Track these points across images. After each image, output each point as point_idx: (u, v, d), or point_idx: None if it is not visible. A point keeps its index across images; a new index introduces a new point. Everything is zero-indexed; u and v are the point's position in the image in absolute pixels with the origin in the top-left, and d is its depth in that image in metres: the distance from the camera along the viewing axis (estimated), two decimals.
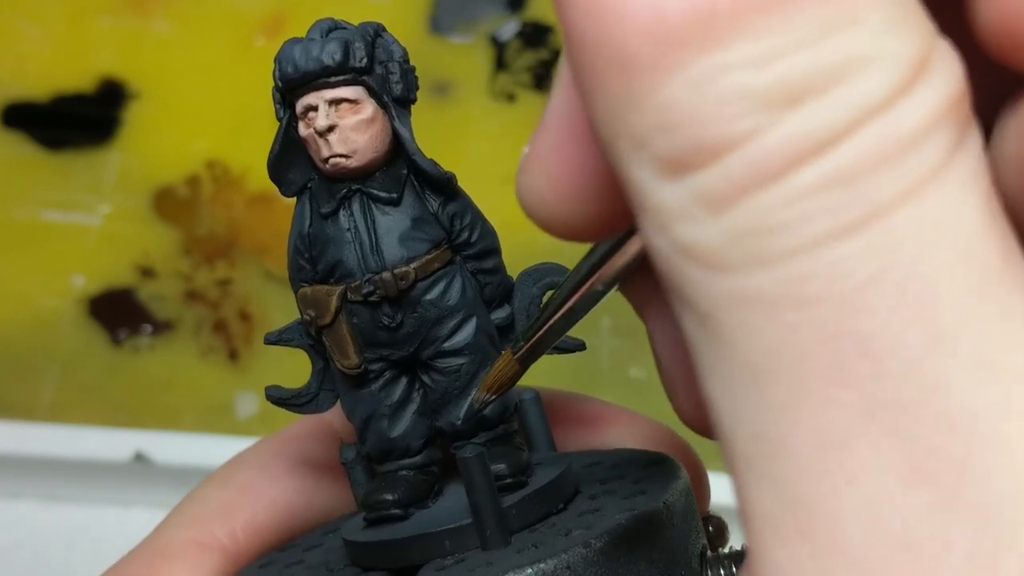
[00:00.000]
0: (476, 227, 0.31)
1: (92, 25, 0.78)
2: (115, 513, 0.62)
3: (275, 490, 0.33)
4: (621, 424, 0.34)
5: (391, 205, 0.30)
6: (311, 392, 0.32)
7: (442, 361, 0.30)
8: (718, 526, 0.32)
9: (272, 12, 0.79)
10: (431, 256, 0.30)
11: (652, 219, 0.19)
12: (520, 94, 0.77)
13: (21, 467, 0.61)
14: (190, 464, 0.59)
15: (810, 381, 0.18)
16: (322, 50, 0.29)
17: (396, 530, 0.29)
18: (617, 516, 0.28)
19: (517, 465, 0.30)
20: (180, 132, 0.74)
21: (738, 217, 0.18)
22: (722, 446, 0.20)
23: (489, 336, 0.31)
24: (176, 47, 0.78)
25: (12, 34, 0.77)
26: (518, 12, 0.81)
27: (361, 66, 0.29)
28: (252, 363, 0.67)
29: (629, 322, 0.70)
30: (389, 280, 0.29)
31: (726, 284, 0.19)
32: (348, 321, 0.30)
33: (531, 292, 0.32)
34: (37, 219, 0.71)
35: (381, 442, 0.31)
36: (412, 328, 0.30)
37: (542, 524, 0.29)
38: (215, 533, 0.32)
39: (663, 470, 0.31)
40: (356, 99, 0.29)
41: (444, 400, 0.31)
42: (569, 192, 0.23)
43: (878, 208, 0.18)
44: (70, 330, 0.67)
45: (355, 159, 0.29)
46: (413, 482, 0.30)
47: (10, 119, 0.74)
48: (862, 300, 0.18)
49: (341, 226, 0.30)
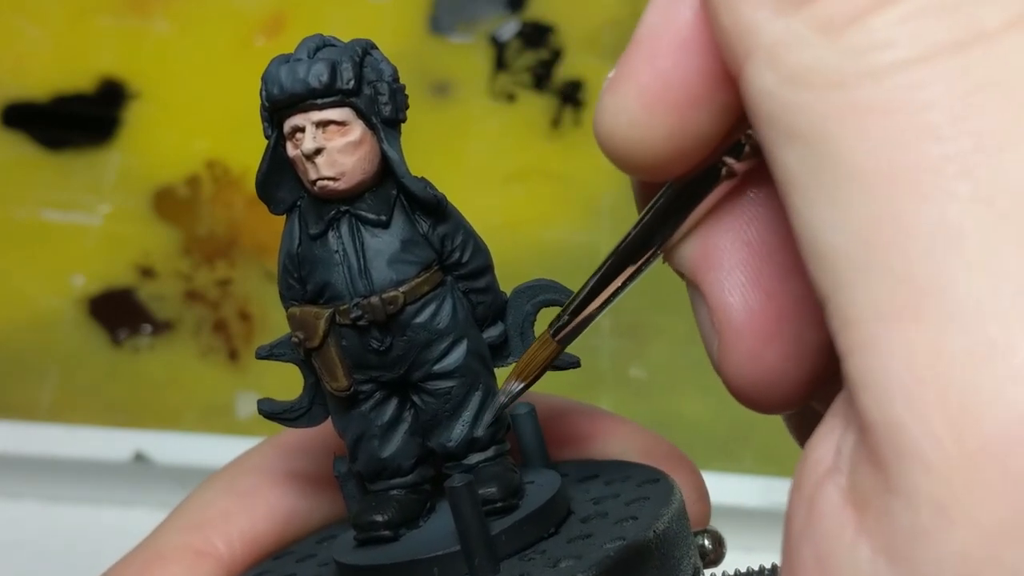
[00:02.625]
0: (468, 247, 0.30)
1: (92, 25, 0.78)
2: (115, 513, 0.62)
3: (275, 498, 0.33)
4: (619, 436, 0.34)
5: (380, 227, 0.29)
6: (303, 407, 0.31)
7: (432, 384, 0.30)
8: (715, 539, 0.32)
9: (272, 12, 0.79)
10: (421, 279, 0.30)
11: (763, 56, 0.21)
12: (520, 94, 0.77)
13: (21, 467, 0.61)
14: (190, 464, 0.59)
15: (926, 177, 0.20)
16: (308, 71, 0.29)
17: (385, 553, 0.29)
18: (607, 547, 0.28)
19: (508, 488, 0.29)
20: (180, 132, 0.74)
21: (853, 37, 0.20)
22: (816, 268, 0.21)
23: (480, 357, 0.31)
24: (176, 47, 0.78)
25: (12, 34, 0.77)
26: (518, 12, 0.81)
27: (348, 88, 0.29)
28: (252, 363, 0.67)
29: (629, 322, 0.70)
30: (377, 305, 0.29)
31: (843, 98, 0.20)
32: (337, 344, 0.30)
33: (525, 310, 0.31)
34: (37, 219, 0.71)
35: (372, 462, 0.30)
36: (401, 351, 0.30)
37: (532, 550, 0.29)
38: (212, 540, 0.32)
39: (657, 492, 0.30)
40: (344, 121, 0.29)
41: (435, 422, 0.30)
42: (660, 103, 0.24)
43: (985, 29, 0.20)
44: (70, 330, 0.67)
45: (343, 181, 0.29)
46: (403, 502, 0.30)
47: (10, 119, 0.74)
48: (974, 101, 0.19)
49: (330, 248, 0.29)
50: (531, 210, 0.73)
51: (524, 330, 0.31)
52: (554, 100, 0.77)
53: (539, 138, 0.76)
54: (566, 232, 0.72)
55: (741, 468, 0.63)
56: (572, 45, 0.80)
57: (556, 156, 0.75)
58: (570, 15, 0.81)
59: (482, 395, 0.30)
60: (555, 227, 0.72)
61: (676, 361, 0.67)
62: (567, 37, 0.80)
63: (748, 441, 0.65)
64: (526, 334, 0.31)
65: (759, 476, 0.61)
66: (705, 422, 0.64)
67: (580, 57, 0.79)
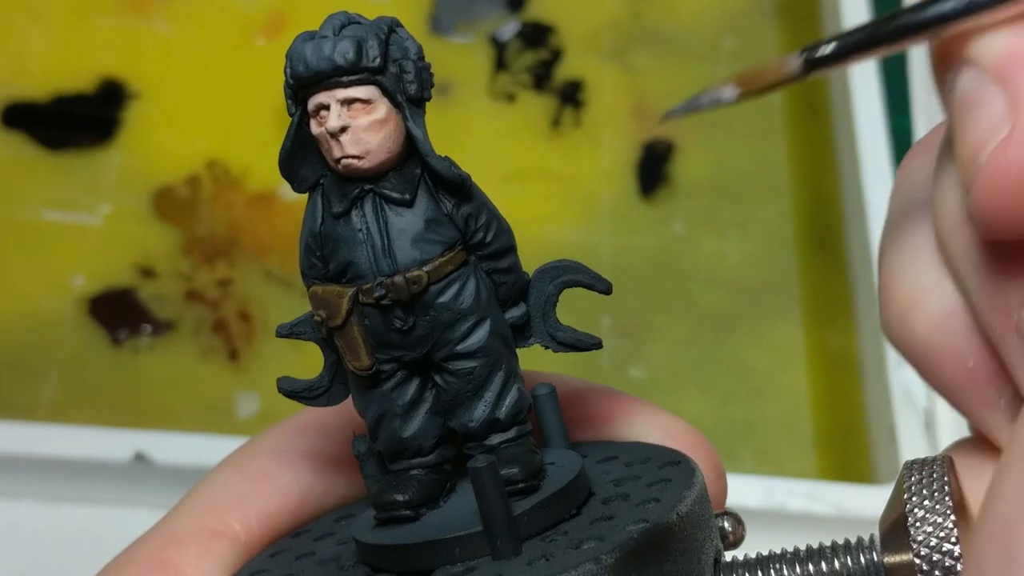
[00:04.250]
0: (491, 227, 0.30)
1: (92, 25, 0.78)
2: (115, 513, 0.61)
3: (290, 479, 0.32)
4: (641, 417, 0.34)
5: (404, 206, 0.29)
6: (323, 385, 0.31)
7: (455, 364, 0.30)
8: (735, 520, 0.32)
9: (272, 12, 0.79)
10: (445, 258, 0.29)
11: None
12: (520, 94, 0.77)
13: (21, 467, 0.61)
14: (190, 464, 0.59)
15: None
16: (334, 49, 0.28)
17: (406, 533, 0.29)
18: (629, 529, 0.28)
19: (530, 469, 0.29)
20: (180, 132, 0.74)
21: None
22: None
23: (503, 338, 0.30)
24: (176, 47, 0.78)
25: (12, 34, 0.77)
26: (518, 12, 0.81)
27: (374, 66, 0.29)
28: (252, 363, 0.67)
29: (629, 322, 0.70)
30: (401, 284, 0.29)
31: None
32: (359, 323, 0.29)
33: (547, 290, 0.31)
34: (37, 219, 0.71)
35: (393, 441, 0.30)
36: (425, 331, 0.30)
37: (554, 531, 0.29)
38: (228, 521, 0.31)
39: (678, 474, 0.30)
40: (369, 99, 0.29)
41: (457, 402, 0.30)
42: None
43: None
44: (70, 330, 0.67)
45: (367, 160, 0.29)
46: (424, 481, 0.30)
47: (10, 119, 0.74)
48: None
49: (353, 226, 0.29)
50: (531, 210, 0.73)
51: (547, 311, 0.31)
52: (554, 100, 0.77)
53: (539, 138, 0.76)
54: (566, 232, 0.72)
55: (741, 468, 0.63)
56: (572, 45, 0.80)
57: (556, 156, 0.75)
58: (570, 15, 0.81)
59: (504, 375, 0.30)
60: (555, 227, 0.72)
61: (676, 361, 0.67)
62: (567, 37, 0.80)
63: (748, 441, 0.65)
64: (548, 315, 0.31)
65: (759, 476, 0.61)
66: (705, 422, 0.64)
67: (580, 57, 0.80)
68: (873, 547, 0.28)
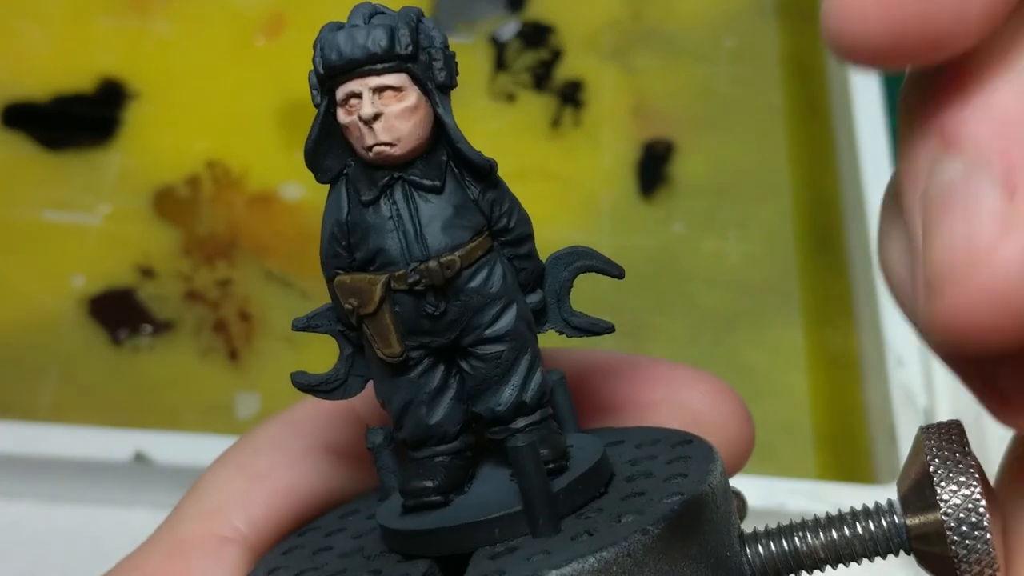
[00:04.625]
0: (514, 213, 0.31)
1: (92, 25, 0.78)
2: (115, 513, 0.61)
3: (294, 476, 0.32)
4: (684, 384, 0.34)
5: (434, 193, 0.29)
6: (340, 378, 0.31)
7: (483, 348, 0.30)
8: (740, 499, 0.32)
9: (272, 12, 0.79)
10: (474, 244, 0.30)
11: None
12: (520, 94, 0.77)
13: (21, 467, 0.61)
14: (190, 464, 0.59)
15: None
16: (368, 36, 0.29)
17: (440, 517, 0.29)
18: (668, 501, 0.28)
19: (558, 450, 0.30)
20: (180, 132, 0.74)
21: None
22: None
23: (527, 322, 0.31)
24: (176, 47, 0.78)
25: (12, 34, 0.77)
26: (518, 12, 0.81)
27: (406, 53, 0.29)
28: (252, 363, 0.67)
29: (629, 322, 0.70)
30: (436, 269, 0.29)
31: None
32: (391, 310, 0.30)
33: (562, 275, 0.32)
34: (37, 219, 0.71)
35: (419, 428, 0.30)
36: (455, 316, 0.30)
37: (587, 509, 0.29)
38: (235, 524, 0.31)
39: (696, 451, 0.30)
40: (400, 86, 0.29)
41: (484, 387, 0.30)
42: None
43: None
44: (70, 330, 0.67)
45: (399, 147, 0.29)
46: (450, 467, 0.30)
47: (10, 119, 0.74)
48: None
49: (383, 214, 0.29)
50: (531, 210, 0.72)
51: (561, 296, 0.31)
52: (554, 100, 0.77)
53: (539, 138, 0.76)
54: (566, 232, 0.72)
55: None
56: (572, 45, 0.80)
57: (556, 156, 0.75)
58: (570, 15, 0.81)
59: (530, 359, 0.30)
60: (555, 227, 0.72)
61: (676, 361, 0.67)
62: (567, 37, 0.80)
63: None
64: (563, 300, 0.31)
65: (759, 476, 0.61)
66: None
67: (580, 57, 0.80)
68: (893, 510, 0.28)
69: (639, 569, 0.26)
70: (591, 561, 0.26)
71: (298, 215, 0.70)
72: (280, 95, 0.75)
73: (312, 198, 0.70)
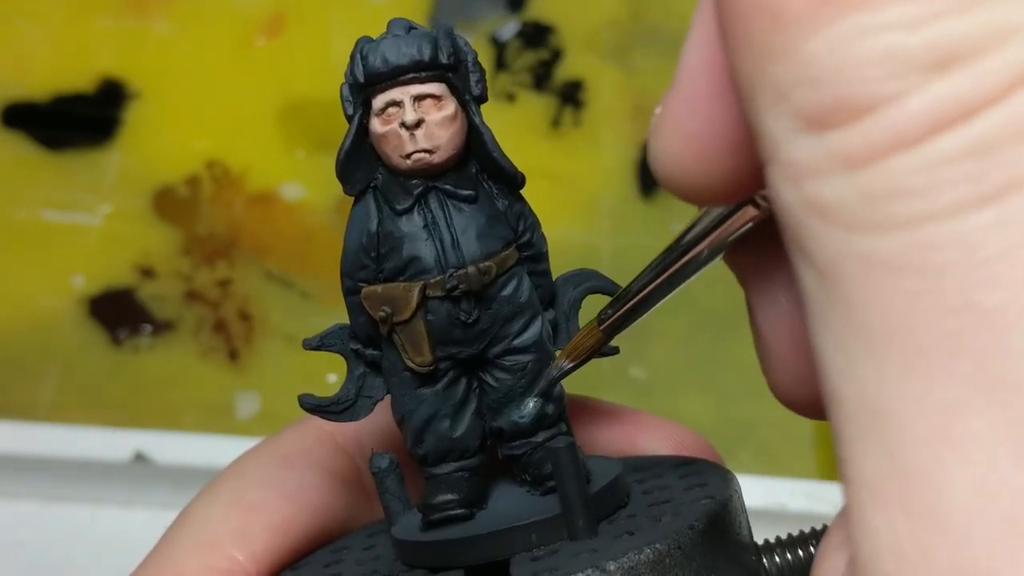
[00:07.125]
0: (535, 229, 0.31)
1: (92, 25, 0.78)
2: (115, 513, 0.62)
3: (290, 510, 0.32)
4: (658, 431, 0.34)
5: (468, 202, 0.30)
6: (349, 399, 0.31)
7: (510, 358, 0.31)
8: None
9: (272, 12, 0.79)
10: (506, 253, 0.30)
11: (784, 172, 0.19)
12: (520, 94, 0.77)
13: (21, 467, 0.61)
14: (190, 464, 0.59)
15: (927, 350, 0.18)
16: (414, 45, 0.29)
17: (469, 528, 0.29)
18: (699, 503, 0.28)
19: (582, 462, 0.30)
20: (180, 132, 0.74)
21: (873, 178, 0.18)
22: (828, 405, 0.19)
23: (548, 335, 0.31)
24: (176, 47, 0.78)
25: (12, 34, 0.77)
26: (518, 12, 0.81)
27: (449, 63, 0.29)
28: (252, 363, 0.67)
29: None
30: (474, 274, 0.30)
31: (852, 243, 0.18)
32: (425, 318, 0.30)
33: (572, 295, 0.32)
34: (37, 219, 0.71)
35: (442, 442, 0.31)
36: (486, 324, 0.30)
37: (617, 516, 0.29)
38: (235, 556, 0.31)
39: (704, 467, 0.31)
40: (440, 95, 0.29)
41: (507, 399, 0.31)
42: (705, 150, 0.22)
43: (1017, 180, 0.17)
44: (70, 330, 0.67)
45: (438, 155, 0.29)
46: (472, 482, 0.31)
47: (10, 119, 0.74)
48: (990, 273, 0.17)
49: (416, 223, 0.30)
50: None
51: (570, 316, 0.32)
52: (554, 100, 0.77)
53: (539, 138, 0.76)
54: (566, 232, 0.72)
55: (741, 468, 0.63)
56: (572, 45, 0.80)
57: (556, 156, 0.75)
58: (570, 15, 0.81)
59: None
60: (555, 227, 0.72)
61: (676, 361, 0.67)
62: (567, 37, 0.80)
63: (748, 441, 0.65)
64: (571, 319, 0.32)
65: (759, 476, 0.61)
66: (705, 422, 0.64)
67: (580, 57, 0.79)
68: None
69: (688, 562, 0.27)
70: (646, 552, 0.27)
71: (298, 215, 0.70)
72: (280, 95, 0.75)
73: (312, 198, 0.70)
